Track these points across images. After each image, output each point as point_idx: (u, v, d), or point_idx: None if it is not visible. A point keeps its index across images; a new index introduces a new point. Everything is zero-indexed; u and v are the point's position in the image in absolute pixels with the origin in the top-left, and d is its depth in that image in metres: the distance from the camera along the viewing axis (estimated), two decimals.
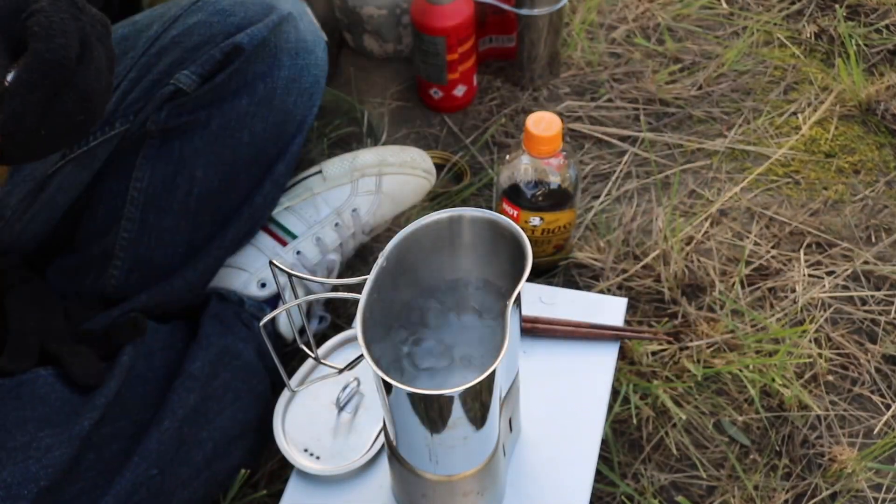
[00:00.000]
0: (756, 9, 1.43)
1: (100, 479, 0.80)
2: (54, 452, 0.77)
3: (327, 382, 0.94)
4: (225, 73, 0.91)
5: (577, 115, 1.28)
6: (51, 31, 0.65)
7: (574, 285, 1.10)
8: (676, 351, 1.03)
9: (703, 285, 1.09)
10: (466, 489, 0.78)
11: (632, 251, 1.12)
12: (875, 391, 1.02)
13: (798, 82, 1.32)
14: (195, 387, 0.87)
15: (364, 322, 0.66)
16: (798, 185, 1.21)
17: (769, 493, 0.94)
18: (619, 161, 1.23)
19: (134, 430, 0.83)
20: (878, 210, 1.17)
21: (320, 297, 0.74)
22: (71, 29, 0.66)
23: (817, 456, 0.97)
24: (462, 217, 0.73)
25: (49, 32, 0.65)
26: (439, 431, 0.70)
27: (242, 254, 1.00)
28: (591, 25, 1.39)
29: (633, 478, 0.95)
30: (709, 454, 0.97)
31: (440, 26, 1.18)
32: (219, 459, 0.88)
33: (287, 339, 1.00)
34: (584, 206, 1.18)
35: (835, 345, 1.05)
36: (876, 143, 1.25)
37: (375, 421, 0.92)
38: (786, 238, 1.14)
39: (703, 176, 1.22)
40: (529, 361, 0.96)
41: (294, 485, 0.89)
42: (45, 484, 0.76)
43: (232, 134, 0.94)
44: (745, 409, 1.00)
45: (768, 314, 1.07)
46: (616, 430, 0.98)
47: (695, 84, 1.31)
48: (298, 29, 0.96)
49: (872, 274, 1.11)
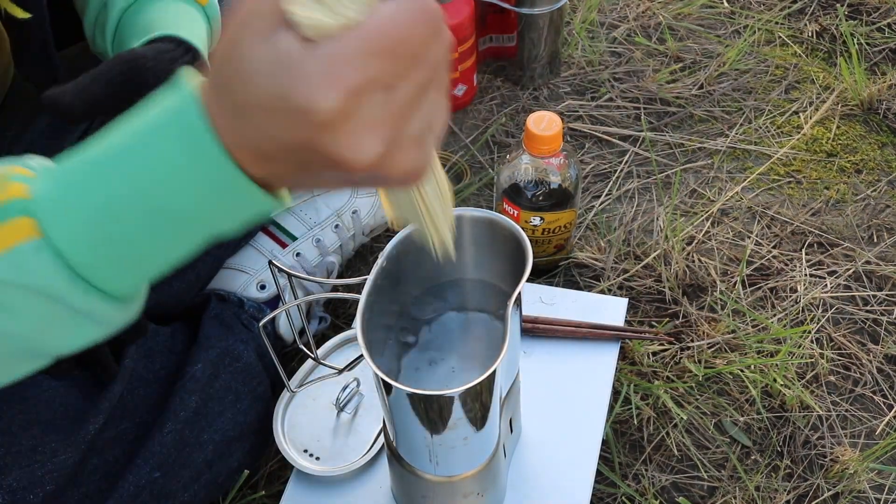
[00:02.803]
0: (757, 7, 1.42)
1: (103, 483, 0.80)
2: (60, 457, 0.77)
3: (327, 383, 0.94)
4: None
5: (577, 115, 1.28)
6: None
7: (574, 285, 1.09)
8: (677, 351, 1.03)
9: (704, 285, 1.09)
10: (467, 490, 0.78)
11: (632, 251, 1.12)
12: (877, 391, 1.01)
13: (799, 81, 1.32)
14: (196, 389, 0.87)
15: (364, 322, 0.66)
16: (799, 184, 1.20)
17: (770, 493, 0.94)
18: (619, 160, 1.23)
19: (136, 433, 0.83)
20: (880, 210, 1.17)
21: (320, 297, 0.74)
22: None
23: (819, 457, 0.96)
24: (462, 217, 0.73)
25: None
26: (439, 432, 0.70)
27: (242, 255, 1.00)
28: (591, 24, 1.38)
29: (633, 478, 0.95)
30: (710, 455, 0.97)
31: None
32: (219, 461, 0.88)
33: (287, 339, 1.00)
34: (585, 205, 1.17)
35: (836, 345, 1.05)
36: (878, 143, 1.25)
37: (375, 421, 0.91)
38: (787, 238, 1.14)
39: (704, 175, 1.21)
40: (530, 362, 0.96)
41: (294, 486, 0.89)
42: (51, 488, 0.76)
43: None
44: (747, 410, 1.00)
45: (769, 314, 1.07)
46: (617, 431, 0.98)
47: (696, 83, 1.31)
48: None
49: (874, 274, 1.11)
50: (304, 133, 0.40)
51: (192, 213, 0.46)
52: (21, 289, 0.46)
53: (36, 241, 0.45)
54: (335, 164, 0.41)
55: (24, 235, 0.45)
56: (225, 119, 0.43)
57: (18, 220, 0.46)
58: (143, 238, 0.46)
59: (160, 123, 0.45)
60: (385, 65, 0.40)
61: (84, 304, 0.48)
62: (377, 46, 0.39)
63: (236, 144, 0.43)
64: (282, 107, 0.40)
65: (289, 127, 0.40)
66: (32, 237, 0.45)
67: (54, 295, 0.47)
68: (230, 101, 0.42)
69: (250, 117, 0.42)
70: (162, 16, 0.77)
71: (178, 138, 0.44)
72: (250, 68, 0.40)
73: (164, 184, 0.45)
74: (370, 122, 0.40)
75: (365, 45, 0.39)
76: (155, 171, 0.44)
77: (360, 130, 0.40)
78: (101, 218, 0.46)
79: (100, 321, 0.49)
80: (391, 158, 0.42)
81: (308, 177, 0.44)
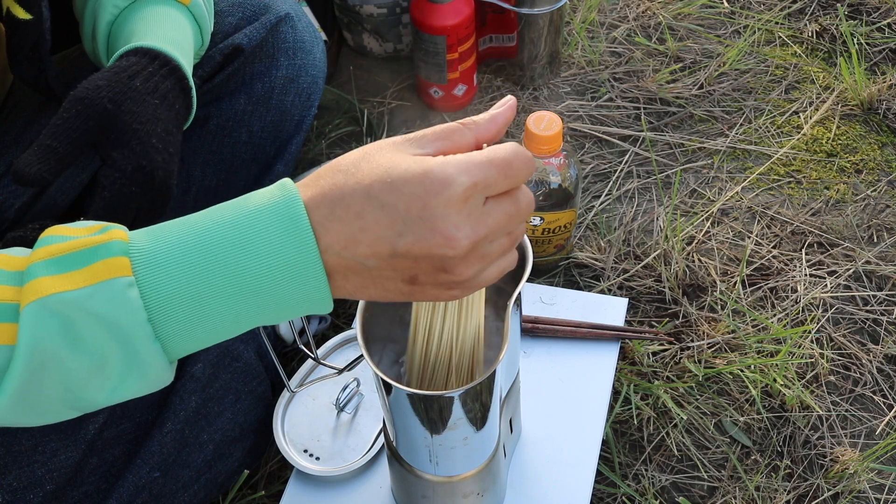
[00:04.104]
0: (757, 7, 1.42)
1: (103, 483, 0.80)
2: (60, 457, 0.77)
3: (327, 383, 0.94)
4: (224, 73, 0.91)
5: (577, 115, 1.28)
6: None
7: (575, 285, 1.09)
8: (677, 351, 1.03)
9: (704, 285, 1.09)
10: (467, 490, 0.78)
11: (632, 251, 1.12)
12: (877, 392, 1.01)
13: (799, 81, 1.32)
14: (196, 388, 0.87)
15: (364, 322, 0.66)
16: (799, 184, 1.20)
17: (770, 493, 0.94)
18: (619, 160, 1.23)
19: (136, 433, 0.83)
20: (880, 210, 1.17)
21: None
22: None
23: (819, 457, 0.96)
24: None
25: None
26: (439, 432, 0.70)
27: None
28: (591, 24, 1.38)
29: (633, 478, 0.95)
30: (710, 455, 0.97)
31: (440, 25, 1.18)
32: (219, 461, 0.88)
33: (287, 339, 1.00)
34: (585, 205, 1.17)
35: (836, 345, 1.05)
36: (878, 143, 1.25)
37: (375, 421, 0.91)
38: (787, 238, 1.14)
39: (704, 175, 1.21)
40: (530, 362, 0.96)
41: (294, 486, 0.89)
42: (51, 488, 0.76)
43: (230, 133, 0.93)
44: (747, 410, 0.99)
45: (769, 314, 1.07)
46: (617, 431, 0.98)
47: (696, 83, 1.31)
48: (296, 29, 0.95)
49: (874, 274, 1.11)
50: (435, 252, 0.50)
51: (268, 295, 0.51)
52: (100, 321, 0.50)
53: (129, 279, 0.50)
54: (443, 272, 0.51)
55: (120, 273, 0.50)
56: (335, 223, 0.50)
57: (118, 258, 0.50)
58: (216, 305, 0.51)
59: (266, 208, 0.51)
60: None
61: (145, 350, 0.51)
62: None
63: (334, 249, 0.51)
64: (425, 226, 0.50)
65: (418, 242, 0.50)
66: (127, 275, 0.50)
67: (126, 333, 0.50)
68: (348, 209, 0.50)
69: (367, 225, 0.50)
70: (141, 26, 0.77)
71: (280, 228, 0.50)
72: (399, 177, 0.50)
73: (256, 262, 0.51)
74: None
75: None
76: (250, 250, 0.51)
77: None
78: (189, 278, 0.51)
79: (146, 375, 0.53)
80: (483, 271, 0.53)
81: (380, 290, 0.53)
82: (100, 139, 0.71)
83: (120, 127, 0.71)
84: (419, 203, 0.49)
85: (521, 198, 0.53)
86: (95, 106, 0.70)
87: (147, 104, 0.72)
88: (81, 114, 0.70)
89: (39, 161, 0.69)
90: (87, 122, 0.70)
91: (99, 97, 0.70)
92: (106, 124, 0.71)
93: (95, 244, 0.51)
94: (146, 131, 0.72)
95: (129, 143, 0.71)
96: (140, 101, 0.72)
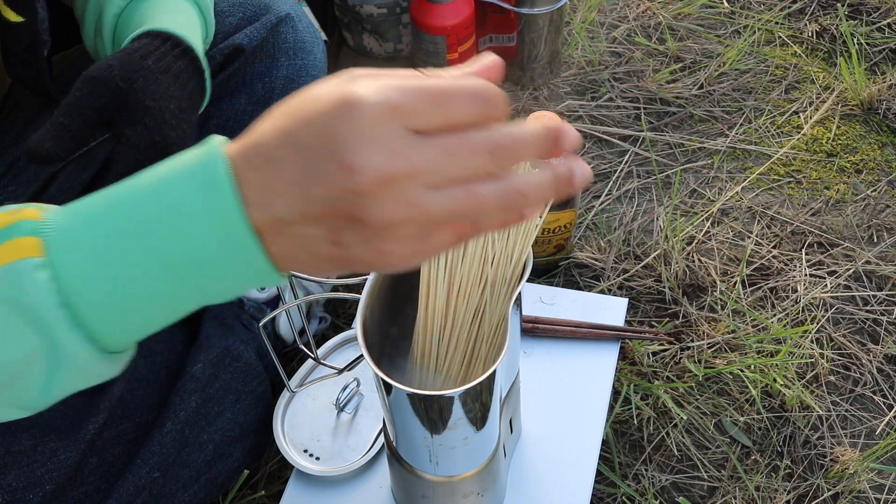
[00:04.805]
0: (757, 7, 1.42)
1: (102, 483, 0.80)
2: (59, 457, 0.77)
3: (327, 383, 0.94)
4: (224, 73, 0.91)
5: (577, 115, 1.28)
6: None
7: (575, 285, 1.09)
8: (677, 351, 1.03)
9: (704, 285, 1.09)
10: (467, 490, 0.78)
11: (632, 251, 1.12)
12: (877, 392, 1.01)
13: (799, 81, 1.32)
14: (196, 388, 0.87)
15: (364, 322, 0.66)
16: (799, 184, 1.20)
17: (770, 493, 0.94)
18: (619, 160, 1.23)
19: (136, 433, 0.83)
20: (880, 210, 1.17)
21: (320, 297, 0.74)
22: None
23: (819, 457, 0.96)
24: None
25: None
26: (439, 432, 0.70)
27: None
28: (591, 24, 1.38)
29: (633, 478, 0.95)
30: (710, 455, 0.97)
31: (440, 25, 1.18)
32: (219, 461, 0.88)
33: (287, 340, 1.00)
34: (585, 205, 1.17)
35: (836, 345, 1.05)
36: (878, 143, 1.25)
37: (375, 421, 0.91)
38: (787, 238, 1.14)
39: (704, 175, 1.21)
40: (530, 362, 0.96)
41: (294, 485, 0.89)
42: (51, 488, 0.76)
43: (230, 133, 0.92)
44: (747, 410, 0.99)
45: (769, 314, 1.07)
46: (617, 431, 0.98)
47: (696, 83, 1.31)
48: (297, 29, 0.95)
49: (874, 274, 1.11)
50: (339, 191, 0.41)
51: (195, 265, 0.45)
52: (12, 308, 0.46)
53: (37, 259, 0.45)
54: (358, 222, 0.42)
55: (27, 253, 0.45)
56: (252, 173, 0.43)
57: (25, 238, 0.46)
58: (141, 282, 0.45)
59: (182, 171, 0.44)
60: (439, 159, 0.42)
61: (67, 340, 0.46)
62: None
63: (256, 204, 0.43)
64: (329, 158, 0.41)
65: (325, 182, 0.41)
66: (35, 256, 0.45)
67: (42, 320, 0.46)
68: (264, 155, 0.43)
69: (282, 170, 0.42)
70: (150, 14, 0.77)
71: (198, 188, 0.43)
72: (307, 115, 0.42)
73: (176, 228, 0.44)
74: (404, 198, 0.42)
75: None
76: (169, 215, 0.44)
77: (393, 199, 0.41)
78: (105, 252, 0.45)
79: (77, 367, 0.48)
80: (419, 243, 0.43)
81: (311, 256, 0.45)
82: (113, 117, 0.71)
83: (132, 104, 0.70)
84: (328, 134, 0.41)
85: (480, 136, 0.43)
86: (107, 84, 0.70)
87: (160, 82, 0.72)
88: (94, 92, 0.70)
89: (52, 138, 0.68)
90: (100, 100, 0.70)
91: (111, 76, 0.70)
92: (118, 102, 0.70)
93: (1, 226, 0.46)
94: (159, 108, 0.71)
95: (143, 120, 0.70)
96: (153, 79, 0.71)
